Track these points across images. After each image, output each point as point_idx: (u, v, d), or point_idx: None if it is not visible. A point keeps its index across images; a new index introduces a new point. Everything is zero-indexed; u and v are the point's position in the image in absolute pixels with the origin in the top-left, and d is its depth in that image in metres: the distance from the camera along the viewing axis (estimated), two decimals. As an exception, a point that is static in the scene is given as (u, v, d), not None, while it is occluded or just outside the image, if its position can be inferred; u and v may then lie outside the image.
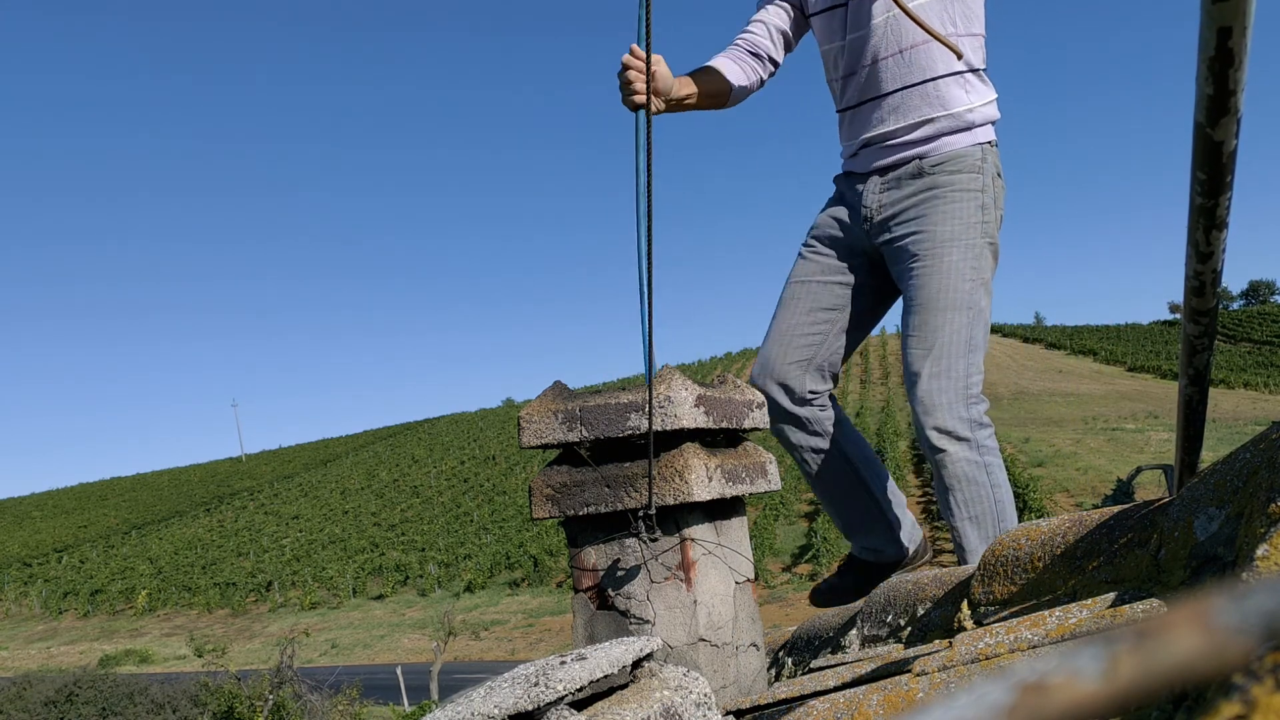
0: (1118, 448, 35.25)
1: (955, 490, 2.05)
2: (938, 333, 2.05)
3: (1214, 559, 0.87)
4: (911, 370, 2.07)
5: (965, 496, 2.06)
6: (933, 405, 2.03)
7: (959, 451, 2.04)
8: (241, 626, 37.70)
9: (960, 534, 2.08)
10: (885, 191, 2.17)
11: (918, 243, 2.11)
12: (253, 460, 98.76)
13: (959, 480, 2.05)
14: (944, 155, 2.11)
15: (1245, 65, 0.62)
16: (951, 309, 2.05)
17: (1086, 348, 72.83)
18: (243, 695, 13.75)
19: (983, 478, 2.05)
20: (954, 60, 2.07)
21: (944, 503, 2.10)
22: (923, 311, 2.07)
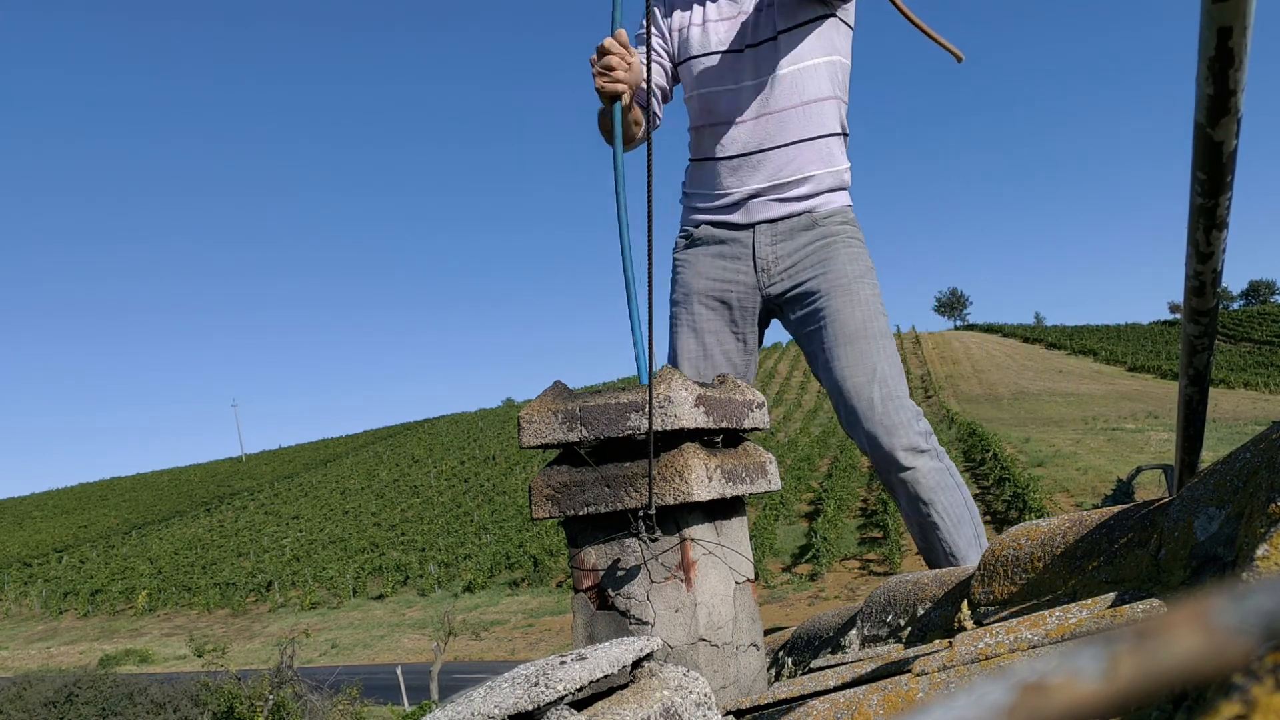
0: (1118, 448, 35.25)
1: (936, 502, 2.08)
2: (875, 359, 2.11)
3: (1214, 559, 0.87)
4: (862, 398, 2.10)
5: (945, 504, 2.10)
6: (894, 426, 2.08)
7: (927, 463, 2.10)
8: (241, 626, 37.70)
9: (950, 544, 2.10)
10: (779, 243, 2.22)
11: (829, 283, 2.18)
12: (253, 460, 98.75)
13: (936, 491, 2.09)
14: (831, 210, 2.21)
15: (1245, 65, 0.62)
16: (879, 337, 2.14)
17: (1086, 348, 72.83)
18: (243, 695, 13.74)
19: (951, 482, 2.11)
20: (838, 121, 2.21)
21: (922, 518, 2.11)
22: (854, 343, 2.13)
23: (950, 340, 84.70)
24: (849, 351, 2.13)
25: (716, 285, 2.26)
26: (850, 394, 2.11)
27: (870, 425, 2.09)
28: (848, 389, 2.11)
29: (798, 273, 2.22)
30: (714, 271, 2.26)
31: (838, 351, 2.14)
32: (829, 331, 2.16)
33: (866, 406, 2.10)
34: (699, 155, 2.29)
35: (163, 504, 77.30)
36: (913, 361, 70.83)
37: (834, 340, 2.15)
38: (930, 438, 2.12)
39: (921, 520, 2.11)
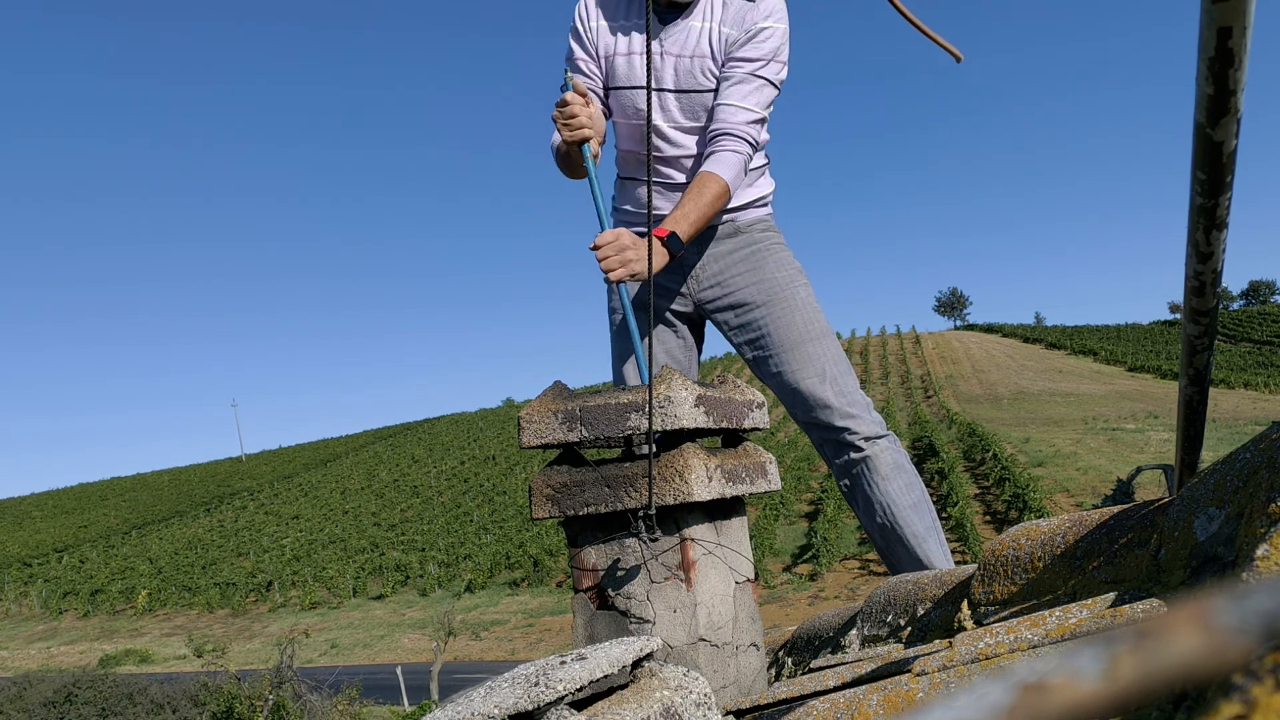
0: (1118, 448, 35.25)
1: (894, 478, 2.17)
2: (823, 359, 2.21)
3: (1214, 559, 0.87)
4: (816, 396, 2.19)
5: (904, 483, 2.19)
6: (849, 414, 2.18)
7: (886, 444, 2.21)
8: (241, 626, 37.69)
9: (905, 524, 2.17)
10: (704, 250, 2.30)
11: (763, 292, 2.27)
12: (253, 460, 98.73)
13: (896, 468, 2.19)
14: (751, 219, 2.32)
15: (1245, 65, 0.62)
16: (822, 337, 2.24)
17: (1086, 348, 72.82)
18: (242, 695, 13.73)
19: (909, 465, 2.22)
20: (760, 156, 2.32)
21: (879, 496, 2.18)
22: (799, 347, 2.22)
23: (950, 340, 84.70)
24: (796, 356, 2.22)
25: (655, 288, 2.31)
26: (806, 395, 2.20)
27: (829, 417, 2.19)
28: (803, 391, 2.20)
29: (727, 281, 2.30)
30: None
31: (785, 357, 2.22)
32: (773, 339, 2.24)
33: (824, 403, 2.19)
34: (627, 175, 2.38)
35: (163, 504, 77.29)
36: (913, 361, 70.83)
37: (779, 346, 2.23)
38: (884, 426, 2.23)
39: (881, 501, 2.17)
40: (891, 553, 2.21)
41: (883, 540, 2.22)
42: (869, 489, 2.18)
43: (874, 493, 2.18)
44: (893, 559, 2.22)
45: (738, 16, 2.19)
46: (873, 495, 2.18)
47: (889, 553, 2.22)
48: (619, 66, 2.25)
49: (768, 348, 2.25)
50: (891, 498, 2.16)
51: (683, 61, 2.20)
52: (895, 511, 2.16)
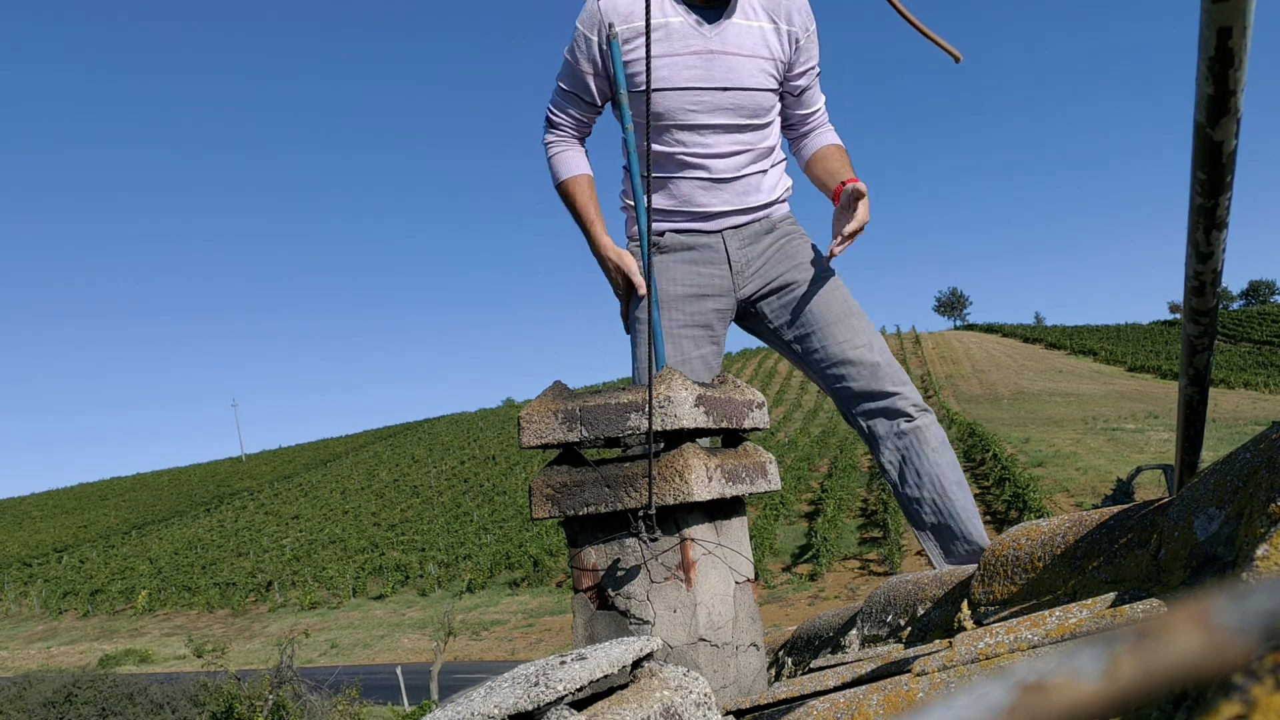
0: (1118, 448, 35.25)
1: (944, 452, 2.19)
2: (868, 331, 2.27)
3: (1214, 559, 0.87)
4: (868, 361, 2.23)
5: (952, 459, 2.20)
6: (902, 380, 2.22)
7: (934, 418, 2.24)
8: (241, 626, 37.69)
9: (955, 499, 2.16)
10: (747, 246, 2.34)
11: (804, 273, 2.33)
12: (253, 460, 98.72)
13: (943, 443, 2.21)
14: (781, 214, 2.41)
15: (1245, 65, 0.62)
16: (861, 315, 2.31)
17: (1086, 348, 72.81)
18: (242, 695, 13.73)
19: (950, 446, 2.24)
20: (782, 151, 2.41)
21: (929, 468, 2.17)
22: (846, 318, 2.27)
23: (950, 340, 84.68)
24: (843, 328, 2.25)
25: (692, 290, 2.30)
26: (857, 362, 2.22)
27: (881, 384, 2.20)
28: (853, 359, 2.23)
29: (768, 269, 2.33)
30: (688, 277, 2.30)
31: (833, 330, 2.25)
32: (817, 315, 2.28)
33: (872, 370, 2.21)
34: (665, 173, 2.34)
35: (163, 504, 77.28)
36: (913, 361, 70.81)
37: (825, 320, 2.26)
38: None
39: (932, 474, 2.16)
40: (937, 531, 2.18)
41: (933, 516, 2.17)
42: (919, 460, 2.17)
43: (924, 464, 2.16)
44: (939, 536, 2.18)
45: (797, 17, 2.24)
46: (923, 468, 2.16)
47: (935, 530, 2.18)
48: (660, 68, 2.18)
49: (812, 323, 2.27)
50: (943, 471, 2.16)
51: (736, 60, 2.19)
52: (946, 486, 2.15)
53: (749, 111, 2.25)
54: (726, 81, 2.20)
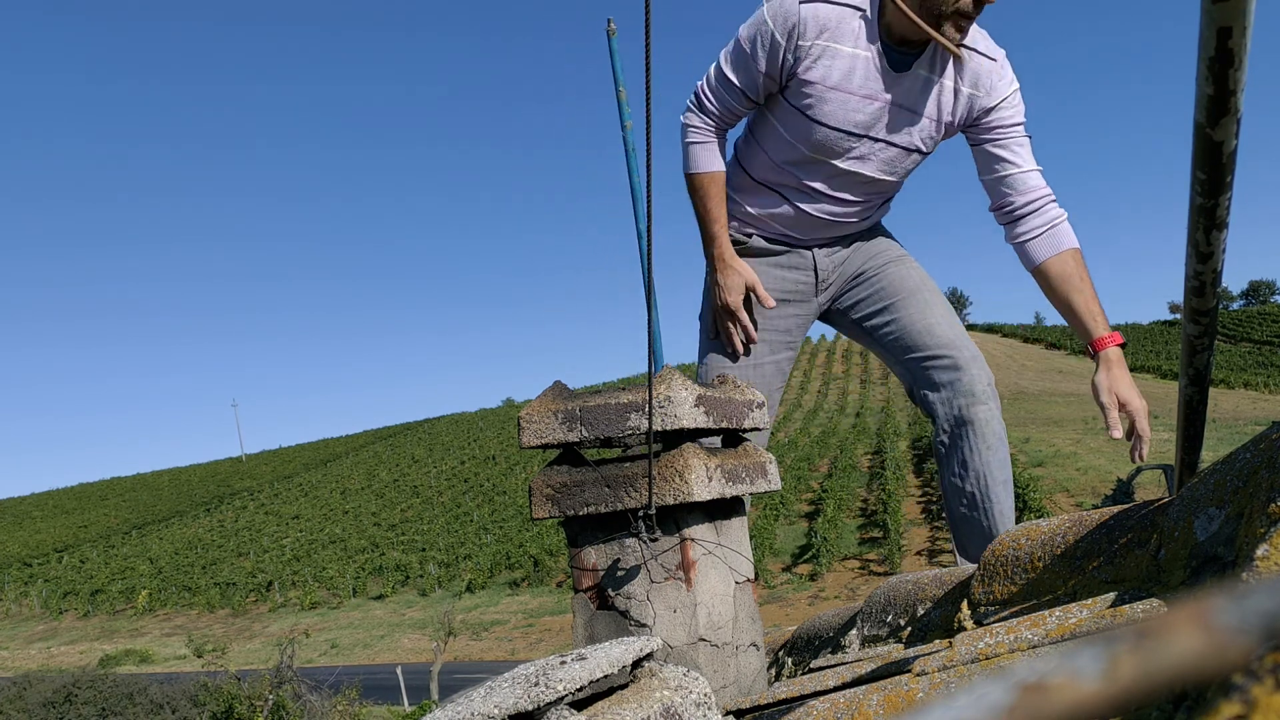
0: (1118, 448, 35.21)
1: (997, 449, 2.14)
2: (945, 304, 2.24)
3: (1214, 559, 0.87)
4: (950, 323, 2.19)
5: (1003, 457, 2.15)
6: (975, 354, 2.17)
7: (997, 410, 2.18)
8: (241, 626, 37.69)
9: (996, 499, 2.13)
10: (833, 255, 2.30)
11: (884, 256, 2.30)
12: (253, 460, 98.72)
13: (999, 440, 2.15)
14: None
15: (1245, 65, 0.62)
16: (936, 291, 2.27)
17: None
18: (242, 695, 13.73)
19: (1006, 441, 2.19)
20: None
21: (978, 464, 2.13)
22: (922, 290, 2.24)
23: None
24: (921, 298, 2.22)
25: (775, 295, 2.25)
26: (936, 327, 2.19)
27: (958, 354, 2.15)
28: (934, 326, 2.19)
29: (848, 265, 2.31)
30: (773, 282, 2.25)
31: (913, 300, 2.22)
32: (895, 289, 2.24)
33: (948, 342, 2.17)
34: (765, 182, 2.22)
35: (163, 504, 77.28)
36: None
37: (904, 292, 2.23)
38: None
39: (979, 470, 2.12)
40: (967, 524, 2.15)
41: (968, 510, 2.15)
42: (970, 454, 2.12)
43: (974, 459, 2.12)
44: (966, 530, 2.16)
45: (984, 80, 2.05)
46: (971, 461, 2.12)
47: (965, 523, 2.16)
48: (829, 100, 2.02)
49: (891, 295, 2.24)
50: (991, 469, 2.12)
51: (907, 117, 2.07)
52: (990, 485, 2.12)
53: (893, 170, 2.15)
54: (887, 136, 2.08)
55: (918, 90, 2.05)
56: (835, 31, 1.97)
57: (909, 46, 2.00)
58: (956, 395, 2.13)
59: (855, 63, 1.99)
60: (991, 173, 2.11)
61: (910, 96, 2.05)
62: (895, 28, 1.96)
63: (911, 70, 2.02)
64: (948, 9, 1.89)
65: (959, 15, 1.90)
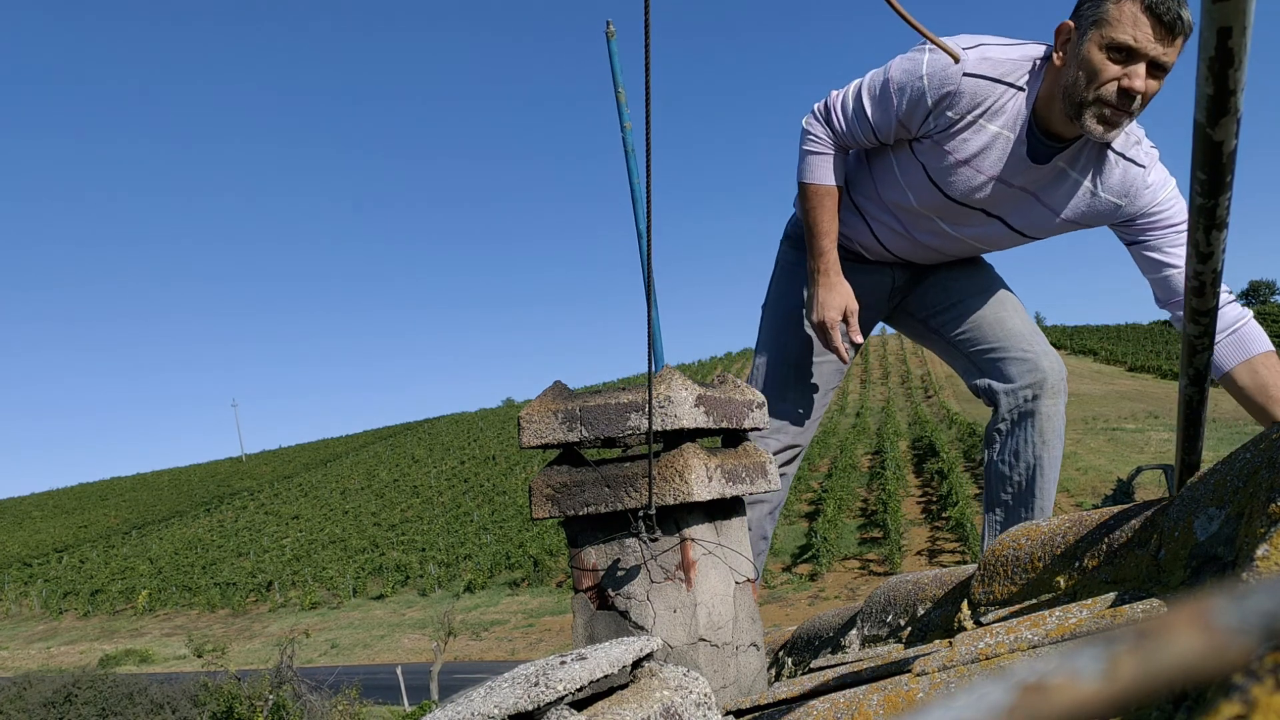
0: (1118, 448, 35.24)
1: (1054, 445, 2.13)
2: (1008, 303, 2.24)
3: (1214, 559, 0.87)
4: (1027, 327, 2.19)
5: (1056, 454, 2.14)
6: (1048, 349, 2.16)
7: (1062, 406, 2.16)
8: (241, 626, 37.70)
9: (1040, 493, 2.13)
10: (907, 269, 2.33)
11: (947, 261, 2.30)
12: (253, 460, 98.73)
13: (1057, 437, 2.14)
14: None
15: (1245, 65, 0.62)
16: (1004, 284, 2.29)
17: (1086, 348, 72.79)
18: (242, 695, 13.73)
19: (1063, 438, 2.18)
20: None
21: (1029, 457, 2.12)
22: (997, 286, 2.26)
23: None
24: (993, 294, 2.23)
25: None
26: (1009, 323, 2.19)
27: (1025, 350, 2.15)
28: (1006, 319, 2.20)
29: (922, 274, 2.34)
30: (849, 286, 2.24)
31: (988, 295, 2.23)
32: (974, 283, 2.26)
33: (1018, 333, 2.17)
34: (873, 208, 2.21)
35: (163, 504, 77.28)
36: (913, 361, 70.82)
37: (978, 290, 2.25)
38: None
39: (1030, 463, 2.12)
40: (1006, 511, 2.15)
41: (1011, 499, 2.14)
42: (1023, 444, 2.11)
43: (1027, 449, 2.11)
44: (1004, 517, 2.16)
45: (1131, 188, 1.97)
46: (1024, 451, 2.11)
47: (1004, 509, 2.15)
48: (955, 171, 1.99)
49: (963, 292, 2.25)
50: (1043, 464, 2.11)
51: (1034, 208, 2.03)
52: (1037, 478, 2.11)
53: (993, 244, 2.16)
54: (1003, 215, 2.05)
55: (1049, 182, 1.99)
56: (988, 110, 1.92)
57: (1056, 140, 1.93)
58: (1027, 387, 2.12)
59: (995, 141, 1.94)
60: (1153, 273, 2.03)
61: (1041, 186, 2.00)
62: (1042, 112, 1.91)
63: (1050, 163, 1.96)
64: (1089, 96, 1.79)
65: (1101, 104, 1.80)
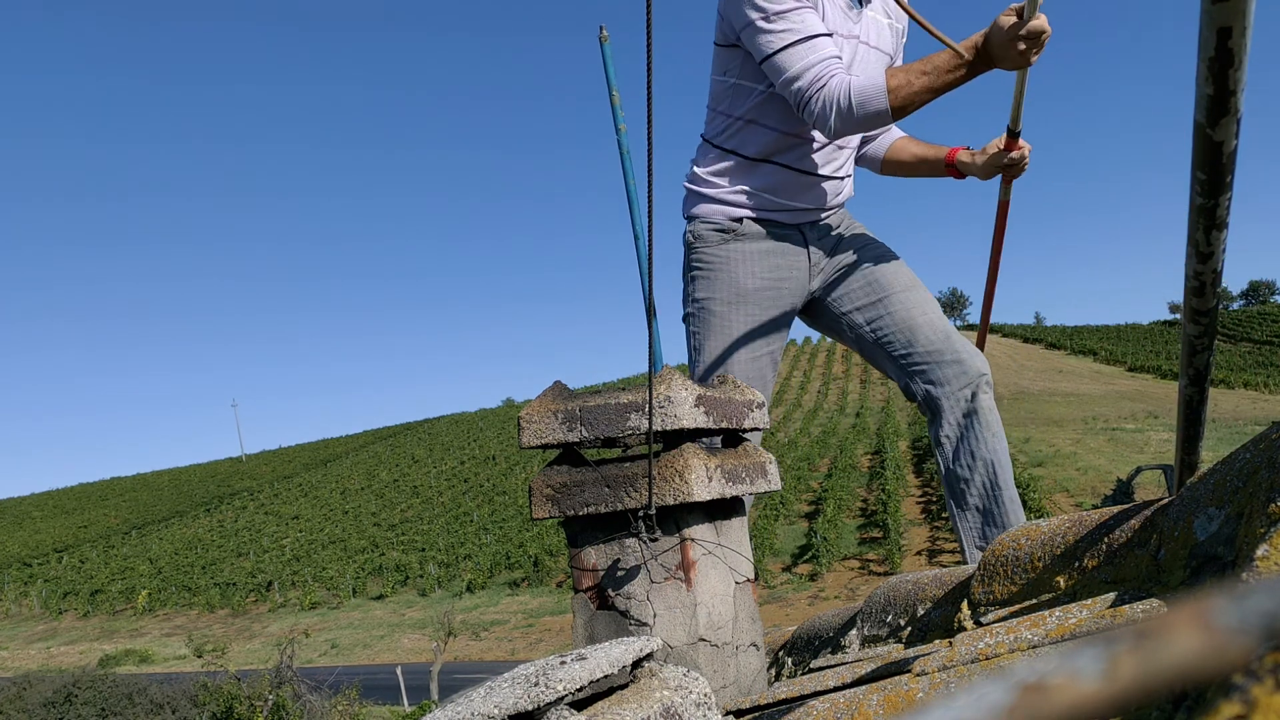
0: (1118, 448, 35.25)
1: (1001, 436, 2.16)
2: (934, 304, 2.28)
3: (1214, 559, 0.87)
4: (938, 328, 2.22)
5: (1005, 446, 2.17)
6: (970, 352, 2.19)
7: (992, 399, 2.19)
8: (241, 626, 37.70)
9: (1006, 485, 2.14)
10: (822, 239, 2.33)
11: (874, 249, 2.33)
12: (253, 460, 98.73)
13: (1001, 427, 2.17)
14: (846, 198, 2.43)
15: (1245, 65, 0.62)
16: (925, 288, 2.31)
17: (1086, 348, 72.83)
18: (242, 695, 13.74)
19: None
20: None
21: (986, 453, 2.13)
22: (917, 287, 2.28)
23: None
24: (917, 295, 2.25)
25: (770, 284, 2.24)
26: (923, 324, 2.21)
27: (957, 351, 2.18)
28: (933, 322, 2.22)
29: (839, 253, 2.33)
30: (767, 270, 2.23)
31: (908, 295, 2.24)
32: (892, 280, 2.26)
33: (942, 335, 2.20)
34: (763, 156, 2.21)
35: (163, 504, 77.29)
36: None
37: (900, 287, 2.26)
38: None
39: (987, 459, 2.12)
40: (981, 516, 2.14)
41: (979, 500, 2.13)
42: (977, 443, 2.12)
43: (981, 448, 2.12)
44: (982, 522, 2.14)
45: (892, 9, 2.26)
46: (979, 451, 2.12)
47: (979, 515, 2.14)
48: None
49: (886, 289, 2.25)
50: (999, 457, 2.13)
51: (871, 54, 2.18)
52: (999, 473, 2.12)
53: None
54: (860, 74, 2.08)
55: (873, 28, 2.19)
56: None
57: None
58: (965, 388, 2.14)
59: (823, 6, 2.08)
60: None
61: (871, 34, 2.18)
62: None
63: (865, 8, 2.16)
64: None
65: None
